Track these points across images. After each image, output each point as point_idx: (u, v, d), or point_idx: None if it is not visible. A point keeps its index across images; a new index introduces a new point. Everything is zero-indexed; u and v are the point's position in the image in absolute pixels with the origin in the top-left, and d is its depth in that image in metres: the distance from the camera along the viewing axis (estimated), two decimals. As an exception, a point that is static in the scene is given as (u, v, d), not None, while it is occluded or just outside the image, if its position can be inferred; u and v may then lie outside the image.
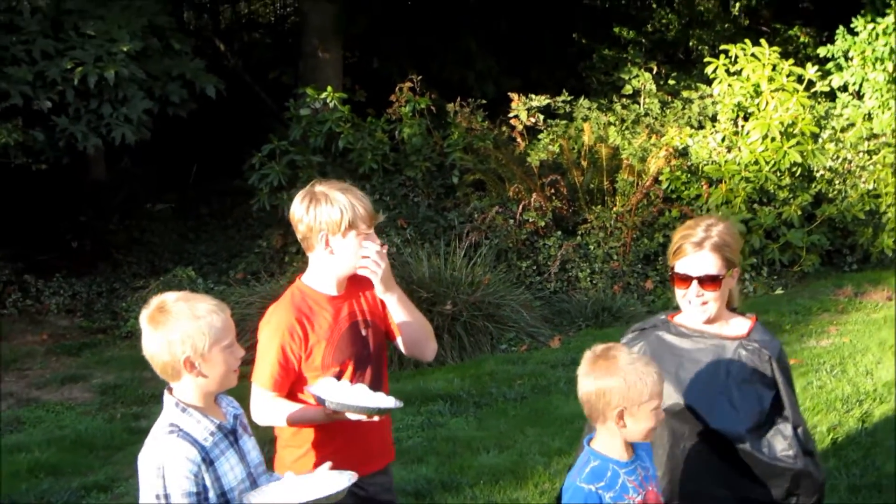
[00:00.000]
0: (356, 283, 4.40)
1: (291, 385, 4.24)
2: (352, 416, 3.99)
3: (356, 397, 3.99)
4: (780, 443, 3.95)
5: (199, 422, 3.49)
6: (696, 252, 4.03)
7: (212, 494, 3.43)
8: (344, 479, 3.63)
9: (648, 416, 3.57)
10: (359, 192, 4.29)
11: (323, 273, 4.31)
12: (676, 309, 4.25)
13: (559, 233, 12.42)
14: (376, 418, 4.05)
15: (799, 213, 12.47)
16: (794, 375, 8.83)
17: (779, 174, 12.59)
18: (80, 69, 11.17)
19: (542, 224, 12.31)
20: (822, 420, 7.79)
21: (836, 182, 12.94)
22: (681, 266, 4.06)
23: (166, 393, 3.55)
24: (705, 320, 4.09)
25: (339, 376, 4.17)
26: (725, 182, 12.47)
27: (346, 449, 4.25)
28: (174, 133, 15.01)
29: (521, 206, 12.32)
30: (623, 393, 3.55)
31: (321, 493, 3.54)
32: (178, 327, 3.43)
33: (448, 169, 13.09)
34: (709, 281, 4.02)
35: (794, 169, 12.68)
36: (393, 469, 7.26)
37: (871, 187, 12.86)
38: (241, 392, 3.93)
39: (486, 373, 9.53)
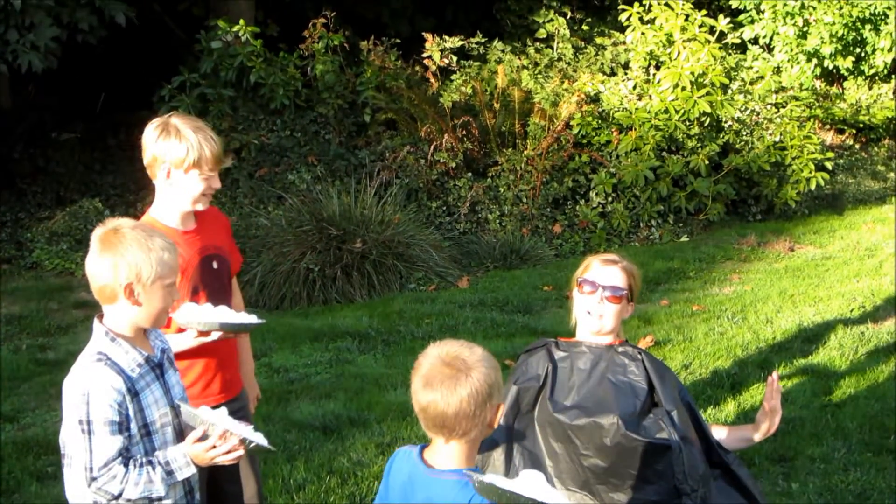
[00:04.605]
0: (207, 219, 4.57)
1: None
2: (216, 336, 4.23)
3: (221, 316, 4.20)
4: (655, 426, 4.16)
5: (128, 352, 3.49)
6: (606, 266, 4.32)
7: (133, 425, 3.44)
8: (260, 435, 3.63)
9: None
10: (211, 133, 4.39)
11: (167, 205, 4.44)
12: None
13: (470, 174, 12.46)
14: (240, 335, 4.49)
15: (706, 162, 12.64)
16: (696, 322, 9.03)
17: (688, 123, 12.74)
18: (-15, -7, 10.86)
19: (453, 165, 12.34)
20: (723, 365, 7.98)
21: (744, 133, 13.13)
22: (589, 275, 4.31)
23: (96, 321, 3.53)
24: (596, 332, 4.32)
25: None
26: (635, 129, 12.59)
27: (209, 378, 4.50)
28: (82, 61, 14.71)
29: (432, 147, 12.33)
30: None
31: (253, 436, 3.57)
32: (129, 253, 3.42)
33: (360, 107, 13.03)
34: (612, 293, 4.25)
35: (703, 119, 12.84)
36: (301, 405, 7.32)
37: (777, 139, 13.07)
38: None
39: (394, 311, 9.60)
